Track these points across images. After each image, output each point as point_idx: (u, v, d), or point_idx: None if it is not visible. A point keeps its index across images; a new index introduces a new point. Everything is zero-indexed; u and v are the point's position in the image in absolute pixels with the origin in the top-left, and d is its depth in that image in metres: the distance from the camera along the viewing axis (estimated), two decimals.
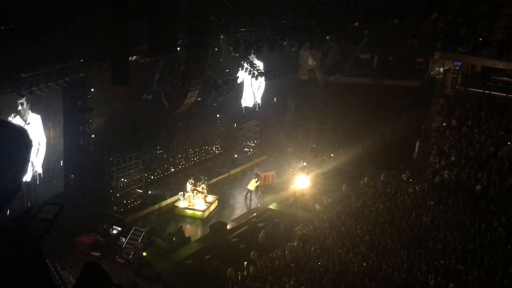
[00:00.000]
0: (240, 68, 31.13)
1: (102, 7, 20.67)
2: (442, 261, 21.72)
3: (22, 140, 2.27)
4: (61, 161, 24.32)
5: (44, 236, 2.33)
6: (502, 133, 31.81)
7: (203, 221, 26.73)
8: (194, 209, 26.98)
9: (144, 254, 22.75)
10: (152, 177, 28.56)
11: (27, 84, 19.99)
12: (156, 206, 27.25)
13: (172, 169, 30.22)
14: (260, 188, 29.51)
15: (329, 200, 28.41)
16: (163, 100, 28.19)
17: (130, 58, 22.47)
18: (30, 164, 2.40)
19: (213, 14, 25.34)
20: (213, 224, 25.94)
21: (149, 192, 27.77)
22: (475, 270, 21.05)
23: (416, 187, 29.07)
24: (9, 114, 21.14)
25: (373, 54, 39.20)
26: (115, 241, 23.70)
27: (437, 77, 38.52)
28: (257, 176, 30.12)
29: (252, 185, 28.99)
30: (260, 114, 35.56)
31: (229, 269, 21.54)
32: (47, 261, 2.31)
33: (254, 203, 28.75)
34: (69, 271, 20.04)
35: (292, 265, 21.39)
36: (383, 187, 29.21)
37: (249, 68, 30.96)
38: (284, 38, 28.75)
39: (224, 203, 28.70)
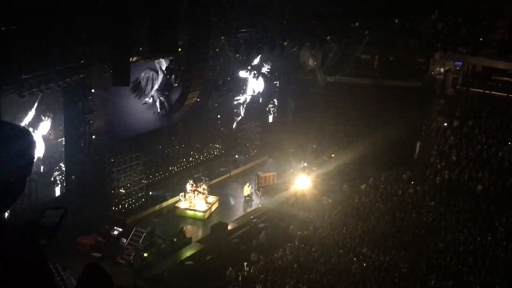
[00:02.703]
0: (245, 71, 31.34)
1: (103, 8, 20.66)
2: (443, 261, 21.72)
3: (25, 141, 2.27)
4: (62, 162, 24.32)
5: (49, 244, 2.33)
6: (502, 133, 31.81)
7: (204, 222, 26.73)
8: (195, 210, 26.98)
9: (145, 255, 22.75)
10: (153, 178, 28.58)
11: (28, 85, 19.99)
12: (157, 207, 27.26)
13: (173, 170, 30.22)
14: (260, 189, 29.53)
15: (330, 200, 28.41)
16: (157, 107, 28.14)
17: (130, 59, 22.49)
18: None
19: (213, 15, 25.35)
20: (214, 225, 25.92)
21: (150, 193, 27.78)
22: (476, 270, 21.05)
23: (417, 188, 29.08)
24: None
25: (374, 55, 39.19)
26: (116, 242, 23.71)
27: (437, 77, 38.52)
28: (256, 176, 30.24)
29: (246, 190, 28.99)
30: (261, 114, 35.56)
31: (229, 270, 21.55)
32: (49, 263, 2.31)
33: (255, 203, 28.74)
34: (70, 272, 20.06)
35: (295, 265, 21.40)
36: (384, 187, 29.21)
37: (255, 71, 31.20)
38: (285, 38, 28.74)
39: (225, 203, 28.69)
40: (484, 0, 31.81)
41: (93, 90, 24.03)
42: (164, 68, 27.44)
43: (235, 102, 33.63)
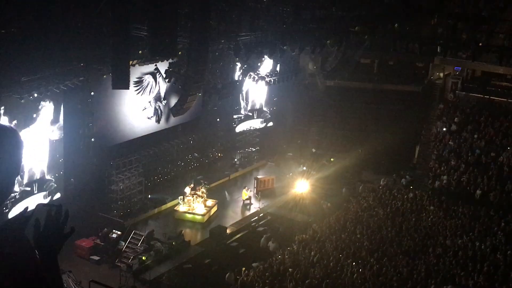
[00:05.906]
0: (244, 77, 31.29)
1: (103, 11, 20.68)
2: (442, 266, 21.69)
3: (12, 140, 2.25)
4: (61, 165, 24.27)
5: (72, 231, 2.34)
6: (502, 138, 31.83)
7: (202, 225, 26.69)
8: (194, 213, 26.94)
9: (144, 258, 22.72)
10: (152, 181, 28.56)
11: (28, 88, 19.97)
12: (156, 210, 27.21)
13: (172, 173, 30.19)
14: (259, 193, 29.50)
15: (329, 204, 28.38)
16: (152, 113, 28.08)
17: (130, 62, 22.49)
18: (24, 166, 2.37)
19: (213, 19, 25.38)
20: (212, 228, 25.90)
21: (149, 196, 27.75)
22: (475, 275, 21.01)
23: (416, 192, 29.07)
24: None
25: (373, 59, 39.28)
26: (115, 245, 23.67)
27: (437, 82, 38.60)
28: (255, 179, 30.22)
29: (244, 194, 28.96)
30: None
31: (228, 273, 21.50)
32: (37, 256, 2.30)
33: (254, 207, 28.71)
34: (68, 275, 20.01)
35: (290, 269, 21.35)
36: (383, 192, 29.20)
37: (253, 74, 31.12)
38: (285, 42, 28.79)
39: (224, 207, 28.65)
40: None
41: (92, 93, 24.02)
42: (161, 83, 27.52)
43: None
